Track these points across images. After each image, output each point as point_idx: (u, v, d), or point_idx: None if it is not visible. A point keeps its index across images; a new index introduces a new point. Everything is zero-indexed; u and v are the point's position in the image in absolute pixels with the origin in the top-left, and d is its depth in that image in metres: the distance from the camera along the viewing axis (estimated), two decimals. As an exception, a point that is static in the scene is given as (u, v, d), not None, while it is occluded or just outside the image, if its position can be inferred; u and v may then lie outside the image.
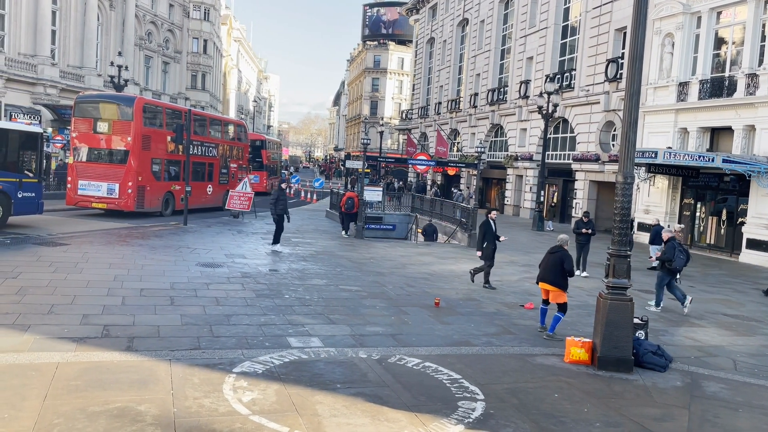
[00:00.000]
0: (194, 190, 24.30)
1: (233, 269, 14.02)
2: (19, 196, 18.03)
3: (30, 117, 33.84)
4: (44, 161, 20.02)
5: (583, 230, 16.91)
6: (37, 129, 20.15)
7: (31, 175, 18.53)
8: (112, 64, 33.62)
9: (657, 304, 13.19)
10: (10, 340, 7.82)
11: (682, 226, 20.93)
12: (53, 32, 39.74)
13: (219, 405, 6.28)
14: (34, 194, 18.65)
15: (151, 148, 23.70)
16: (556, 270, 10.04)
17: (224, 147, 29.82)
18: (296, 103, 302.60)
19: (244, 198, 24.64)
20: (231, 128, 32.64)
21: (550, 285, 10.17)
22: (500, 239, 14.56)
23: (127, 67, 33.09)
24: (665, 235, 14.03)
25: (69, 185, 23.55)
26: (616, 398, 7.48)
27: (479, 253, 14.43)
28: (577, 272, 16.19)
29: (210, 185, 28.29)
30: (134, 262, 13.91)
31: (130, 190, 22.66)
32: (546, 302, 10.44)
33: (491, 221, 14.37)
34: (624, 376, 8.29)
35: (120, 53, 36.74)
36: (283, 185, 20.56)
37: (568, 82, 33.51)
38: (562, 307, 10.12)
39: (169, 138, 24.13)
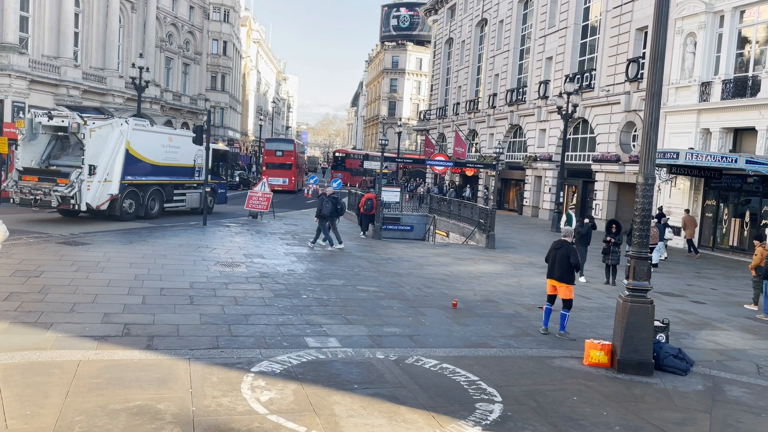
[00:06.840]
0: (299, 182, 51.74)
1: (252, 269, 14.11)
2: (219, 192, 28.11)
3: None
4: (230, 169, 32.69)
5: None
6: (227, 147, 33.23)
7: (223, 178, 28.85)
8: (133, 65, 33.94)
9: (331, 244, 18.26)
10: (33, 338, 7.95)
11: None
12: (76, 34, 40.26)
13: (237, 404, 6.33)
14: (224, 191, 29.07)
15: (297, 162, 50.72)
16: (563, 265, 9.98)
17: (300, 157, 56.25)
18: (318, 104, 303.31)
19: (263, 198, 24.80)
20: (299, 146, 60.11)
21: (557, 281, 10.12)
22: None
23: (148, 69, 33.36)
24: (319, 191, 21.54)
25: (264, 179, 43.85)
26: (636, 402, 7.40)
27: None
28: (582, 279, 15.95)
29: (299, 180, 52.14)
30: (154, 261, 14.06)
31: (292, 181, 49.08)
32: (551, 301, 10.33)
33: None
34: (644, 379, 8.19)
35: (141, 55, 37.13)
36: None
37: (588, 82, 33.21)
38: (568, 304, 10.06)
39: (298, 157, 51.66)
